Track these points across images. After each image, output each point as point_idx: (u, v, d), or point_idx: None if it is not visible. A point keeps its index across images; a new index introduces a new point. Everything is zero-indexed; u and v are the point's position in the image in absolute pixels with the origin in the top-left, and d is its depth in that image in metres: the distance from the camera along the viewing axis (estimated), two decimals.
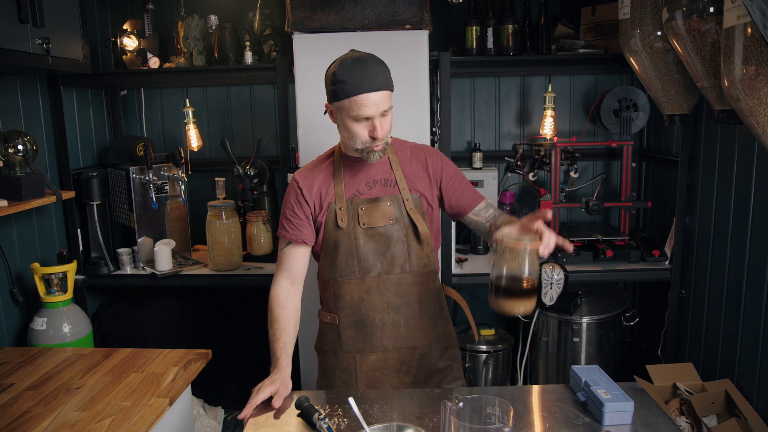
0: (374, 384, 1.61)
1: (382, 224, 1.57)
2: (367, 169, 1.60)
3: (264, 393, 1.41)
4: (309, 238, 1.62)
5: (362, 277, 1.58)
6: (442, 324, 1.66)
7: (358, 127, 1.48)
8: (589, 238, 2.73)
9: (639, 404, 1.34)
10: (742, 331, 2.10)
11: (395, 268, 1.58)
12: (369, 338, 1.60)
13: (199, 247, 3.09)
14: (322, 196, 1.59)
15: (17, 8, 1.97)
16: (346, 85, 1.44)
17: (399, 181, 1.59)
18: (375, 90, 1.44)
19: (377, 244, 1.57)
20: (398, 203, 1.58)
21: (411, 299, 1.60)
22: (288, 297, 1.62)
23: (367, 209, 1.57)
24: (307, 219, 1.61)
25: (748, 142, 2.07)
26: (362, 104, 1.44)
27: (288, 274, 1.64)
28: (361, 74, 1.44)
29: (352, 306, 1.60)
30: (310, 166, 1.67)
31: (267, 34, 2.76)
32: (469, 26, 2.69)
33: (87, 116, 2.91)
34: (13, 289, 2.35)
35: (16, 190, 2.09)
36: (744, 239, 2.09)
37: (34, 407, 1.48)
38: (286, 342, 1.55)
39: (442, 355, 1.65)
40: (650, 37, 2.12)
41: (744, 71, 1.42)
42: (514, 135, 3.12)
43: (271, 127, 3.14)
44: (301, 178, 1.63)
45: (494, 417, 1.19)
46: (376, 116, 1.46)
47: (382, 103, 1.46)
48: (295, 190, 1.62)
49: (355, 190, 1.59)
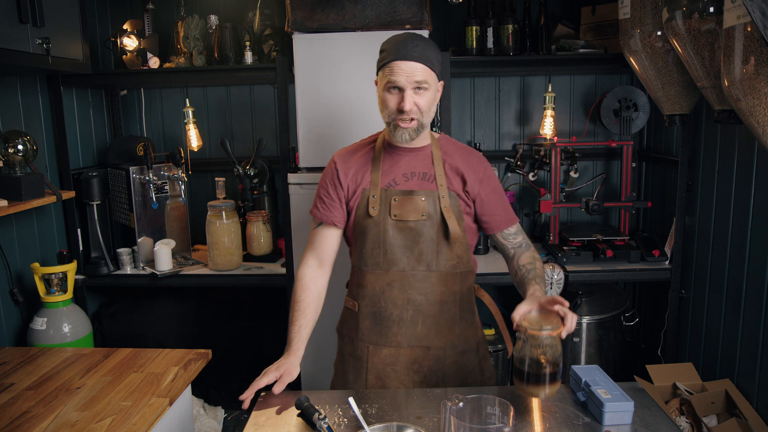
0: (383, 378, 1.59)
1: (414, 218, 1.53)
2: (407, 160, 1.57)
3: (267, 378, 1.41)
4: (340, 221, 1.60)
5: (386, 269, 1.55)
6: (461, 327, 1.61)
7: (389, 97, 1.47)
8: (589, 238, 2.73)
9: (639, 404, 1.34)
10: (742, 331, 2.10)
11: (421, 264, 1.54)
12: (384, 332, 1.57)
13: (199, 247, 3.09)
14: (357, 181, 1.57)
15: (17, 8, 1.97)
16: (386, 53, 1.46)
17: (438, 177, 1.55)
18: (409, 59, 1.43)
19: (406, 237, 1.54)
20: (433, 199, 1.53)
21: (433, 299, 1.56)
22: (313, 279, 1.61)
23: (401, 201, 1.53)
24: (339, 201, 1.59)
25: (748, 142, 2.07)
26: (393, 70, 1.44)
27: (316, 254, 1.62)
28: (400, 44, 1.44)
29: (372, 296, 1.57)
30: (352, 148, 1.65)
31: (267, 34, 2.76)
32: (469, 26, 2.69)
33: (87, 116, 2.91)
34: (13, 289, 2.35)
35: (16, 190, 2.09)
36: (744, 239, 2.09)
37: (34, 407, 1.48)
38: (302, 325, 1.54)
39: (457, 359, 1.61)
40: (650, 37, 2.12)
41: (744, 71, 1.42)
42: (514, 135, 3.12)
43: (271, 127, 3.14)
44: (340, 159, 1.61)
45: (494, 417, 1.19)
46: (407, 87, 1.44)
47: (415, 74, 1.43)
48: (332, 170, 1.60)
49: (392, 180, 1.56)
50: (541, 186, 3.06)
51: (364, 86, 2.35)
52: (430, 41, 1.50)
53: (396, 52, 1.44)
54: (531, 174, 2.99)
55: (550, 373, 1.25)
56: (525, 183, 3.08)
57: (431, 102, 1.49)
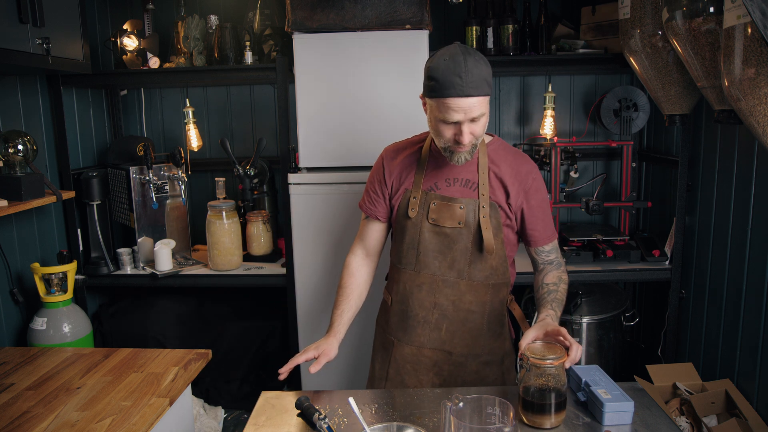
0: (402, 374, 1.60)
1: (450, 225, 1.51)
2: (452, 165, 1.53)
3: (306, 355, 1.43)
4: (383, 216, 1.62)
5: (418, 271, 1.56)
6: (487, 338, 1.59)
7: (445, 128, 1.41)
8: (589, 238, 2.73)
9: (639, 404, 1.34)
10: (742, 331, 2.09)
11: (452, 272, 1.53)
12: (409, 330, 1.59)
13: (199, 247, 3.09)
14: (401, 180, 1.58)
15: (17, 8, 1.97)
16: (436, 84, 1.35)
17: (481, 186, 1.51)
18: (465, 96, 1.34)
19: (440, 243, 1.53)
20: (473, 208, 1.50)
21: (460, 307, 1.55)
22: (359, 266, 1.64)
23: (439, 206, 1.52)
24: (383, 198, 1.61)
25: (748, 142, 2.07)
26: (450, 108, 1.35)
27: (363, 245, 1.66)
28: (454, 76, 1.33)
29: (402, 294, 1.59)
30: (402, 144, 1.65)
31: (267, 34, 2.76)
32: (469, 26, 2.69)
33: (87, 116, 2.91)
34: (13, 289, 2.35)
35: (16, 190, 2.09)
36: (744, 239, 2.09)
37: (34, 407, 1.48)
38: (344, 309, 1.56)
39: (479, 369, 1.60)
40: (650, 37, 2.11)
41: (744, 71, 1.42)
42: (514, 135, 3.12)
43: (271, 127, 3.14)
44: (387, 156, 1.62)
45: (494, 417, 1.19)
46: (464, 122, 1.37)
47: (473, 110, 1.36)
48: (380, 167, 1.62)
49: (433, 184, 1.54)
50: None
51: (364, 86, 2.35)
52: (482, 58, 1.38)
53: (450, 86, 1.33)
54: None
55: (556, 404, 1.26)
56: None
57: (486, 123, 1.44)
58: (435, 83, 1.36)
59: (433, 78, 1.36)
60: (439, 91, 1.35)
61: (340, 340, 1.54)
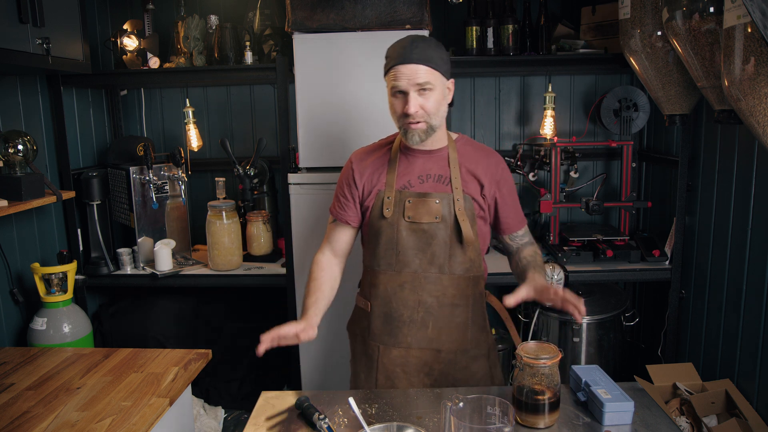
0: (392, 378, 1.58)
1: (427, 221, 1.53)
2: (422, 162, 1.57)
3: (288, 328, 1.38)
4: (353, 220, 1.62)
5: (399, 270, 1.55)
6: (473, 332, 1.61)
7: (395, 102, 1.49)
8: (589, 238, 2.73)
9: (639, 404, 1.34)
10: (742, 331, 2.10)
11: (433, 267, 1.55)
12: (395, 332, 1.58)
13: (199, 247, 3.09)
14: (373, 182, 1.58)
15: (17, 8, 1.97)
16: (389, 59, 1.48)
17: (453, 179, 1.55)
18: (410, 62, 1.43)
19: (419, 240, 1.54)
20: (448, 202, 1.53)
21: (444, 301, 1.56)
22: (329, 262, 1.63)
23: (415, 203, 1.54)
24: (354, 202, 1.60)
25: (748, 142, 2.07)
26: (396, 75, 1.45)
27: (331, 247, 1.65)
28: (401, 48, 1.45)
29: (384, 297, 1.58)
30: (369, 148, 1.66)
31: (267, 34, 2.76)
32: (469, 26, 2.69)
33: (87, 116, 2.91)
34: (13, 289, 2.35)
35: (16, 190, 2.09)
36: (744, 239, 2.09)
37: (34, 407, 1.48)
38: (319, 298, 1.54)
39: (468, 364, 1.61)
40: (650, 37, 2.12)
41: (744, 71, 1.42)
42: (514, 135, 3.12)
43: (271, 127, 3.14)
44: (357, 159, 1.63)
45: (494, 417, 1.19)
46: (410, 90, 1.44)
47: (417, 76, 1.43)
48: (349, 171, 1.62)
49: (407, 182, 1.56)
50: (541, 186, 3.06)
51: (364, 86, 2.35)
52: (433, 41, 1.49)
53: (397, 56, 1.45)
54: (531, 174, 2.99)
55: (549, 403, 1.26)
56: (525, 183, 3.08)
57: (438, 102, 1.48)
58: (388, 59, 1.49)
59: (387, 56, 1.50)
60: (390, 63, 1.47)
61: (317, 325, 1.48)
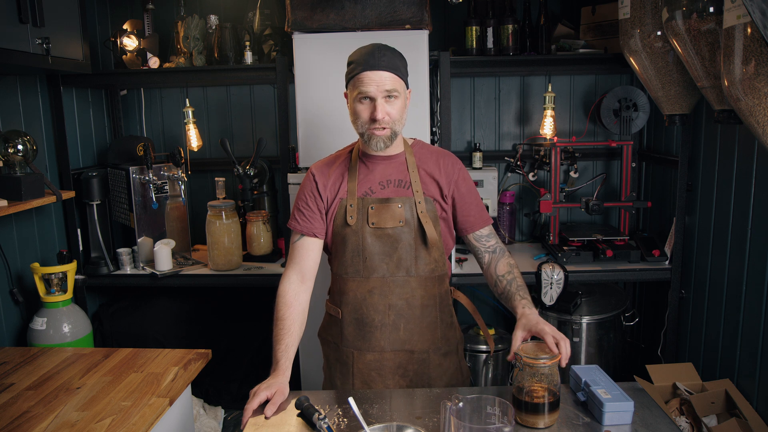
0: (369, 382, 1.61)
1: (391, 225, 1.56)
2: (382, 168, 1.60)
3: (259, 397, 1.38)
4: (320, 232, 1.61)
5: (367, 276, 1.57)
6: (442, 330, 1.64)
7: (361, 108, 1.50)
8: (589, 238, 2.73)
9: (639, 404, 1.34)
10: (742, 331, 2.10)
11: (400, 270, 1.57)
12: (368, 337, 1.60)
13: (199, 247, 3.09)
14: (335, 191, 1.60)
15: (17, 8, 1.97)
16: (353, 65, 1.49)
17: (413, 183, 1.58)
18: (378, 69, 1.46)
19: (384, 245, 1.56)
20: (410, 206, 1.56)
21: (414, 303, 1.59)
22: (296, 295, 1.59)
23: (378, 209, 1.56)
24: (320, 212, 1.61)
25: (748, 142, 2.07)
26: (363, 81, 1.47)
27: (299, 268, 1.61)
28: (368, 55, 1.47)
29: (354, 304, 1.60)
30: (328, 160, 1.67)
31: (267, 34, 2.76)
32: (469, 26, 2.69)
33: (87, 116, 2.91)
34: (13, 289, 2.35)
35: (16, 190, 2.09)
36: (744, 239, 2.09)
37: (34, 407, 1.48)
38: (288, 344, 1.52)
39: (441, 361, 1.64)
40: (650, 37, 2.12)
41: (744, 71, 1.42)
42: (514, 135, 3.12)
43: (271, 127, 3.14)
44: (318, 171, 1.63)
45: (494, 417, 1.20)
46: (377, 97, 1.47)
47: (385, 83, 1.46)
48: (311, 182, 1.62)
49: (368, 189, 1.58)
50: (541, 186, 3.06)
51: None
52: (396, 51, 1.53)
53: (365, 63, 1.47)
54: (531, 174, 2.99)
55: (549, 403, 1.26)
56: (525, 183, 3.08)
57: (402, 109, 1.53)
58: (352, 65, 1.50)
59: (351, 62, 1.51)
60: (355, 69, 1.48)
61: (289, 377, 1.49)
